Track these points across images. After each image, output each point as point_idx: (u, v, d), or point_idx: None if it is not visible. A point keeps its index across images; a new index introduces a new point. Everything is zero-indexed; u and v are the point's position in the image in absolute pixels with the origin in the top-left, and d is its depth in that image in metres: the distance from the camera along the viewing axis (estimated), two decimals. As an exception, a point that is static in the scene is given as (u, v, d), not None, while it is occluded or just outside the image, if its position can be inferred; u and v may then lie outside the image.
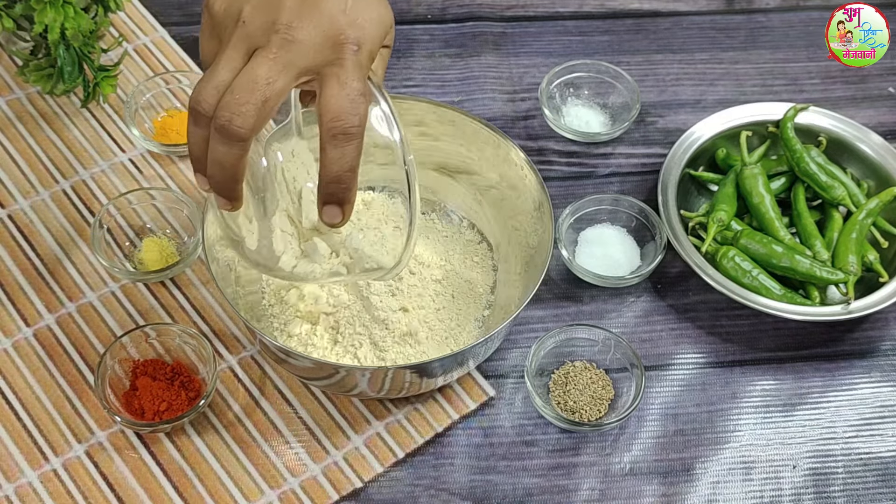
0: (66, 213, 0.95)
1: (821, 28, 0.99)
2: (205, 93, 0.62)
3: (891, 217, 0.96)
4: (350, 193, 0.64)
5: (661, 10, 1.17)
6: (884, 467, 0.85)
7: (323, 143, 0.62)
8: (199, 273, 0.92)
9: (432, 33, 1.13)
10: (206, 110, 0.62)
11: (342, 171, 0.63)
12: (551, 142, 1.04)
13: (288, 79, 0.62)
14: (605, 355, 0.88)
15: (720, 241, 0.94)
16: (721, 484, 0.83)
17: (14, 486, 0.80)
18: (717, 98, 1.09)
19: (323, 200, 0.65)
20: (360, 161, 0.63)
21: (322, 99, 0.62)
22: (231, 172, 0.63)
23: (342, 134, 0.62)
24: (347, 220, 0.66)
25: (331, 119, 0.62)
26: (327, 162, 0.63)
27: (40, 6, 0.89)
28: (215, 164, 0.63)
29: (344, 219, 0.65)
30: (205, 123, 0.62)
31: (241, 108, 0.60)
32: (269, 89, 0.61)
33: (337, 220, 0.65)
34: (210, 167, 0.63)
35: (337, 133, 0.62)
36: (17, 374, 0.85)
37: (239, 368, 0.87)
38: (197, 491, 0.80)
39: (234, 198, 0.65)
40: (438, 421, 0.85)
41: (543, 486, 0.82)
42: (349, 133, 0.62)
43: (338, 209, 0.65)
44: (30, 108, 1.02)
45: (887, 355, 0.91)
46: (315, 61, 0.62)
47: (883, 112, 1.09)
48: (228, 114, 0.61)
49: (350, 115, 0.62)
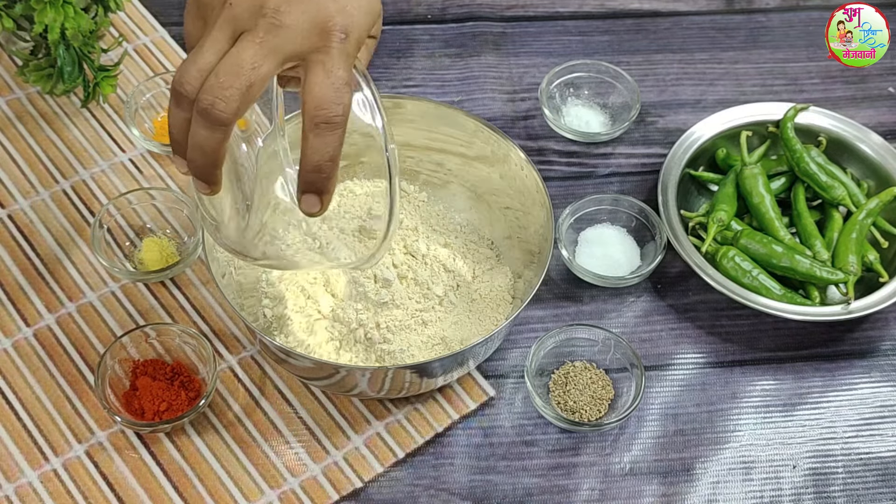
0: (66, 213, 0.95)
1: (821, 28, 0.99)
2: (188, 75, 0.61)
3: (891, 217, 0.96)
4: (329, 183, 0.63)
5: (661, 10, 1.17)
6: (884, 467, 0.85)
7: (305, 132, 0.61)
8: (199, 273, 0.92)
9: (432, 33, 1.13)
10: (189, 92, 0.61)
11: (323, 160, 0.62)
12: (551, 142, 1.04)
13: (273, 64, 0.61)
14: (605, 355, 0.88)
15: (720, 241, 0.94)
16: (721, 484, 0.83)
17: (14, 486, 0.80)
18: (717, 98, 1.08)
19: (302, 189, 0.64)
20: (341, 151, 0.62)
21: (306, 86, 0.61)
22: (211, 157, 0.62)
23: (325, 123, 0.61)
24: (326, 209, 0.64)
25: (314, 107, 0.61)
26: (308, 150, 0.62)
27: (40, 6, 0.89)
28: (196, 147, 0.62)
29: (322, 208, 0.64)
30: (187, 106, 0.61)
31: (225, 93, 0.60)
32: (253, 74, 0.60)
33: (315, 209, 0.64)
34: (190, 151, 0.62)
35: (320, 122, 0.61)
36: (17, 374, 0.85)
37: (239, 368, 0.87)
38: (197, 491, 0.80)
39: (212, 182, 0.64)
40: (438, 421, 0.85)
41: (543, 486, 0.82)
42: (332, 122, 0.61)
43: (316, 198, 0.64)
44: (30, 108, 1.02)
45: (887, 355, 0.91)
46: (302, 47, 0.61)
47: (883, 112, 1.09)
48: (211, 97, 0.60)
49: (334, 105, 0.61)
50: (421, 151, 0.93)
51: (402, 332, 0.83)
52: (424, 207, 0.93)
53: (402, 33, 1.12)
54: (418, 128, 0.91)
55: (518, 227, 0.90)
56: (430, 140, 0.92)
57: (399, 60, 1.10)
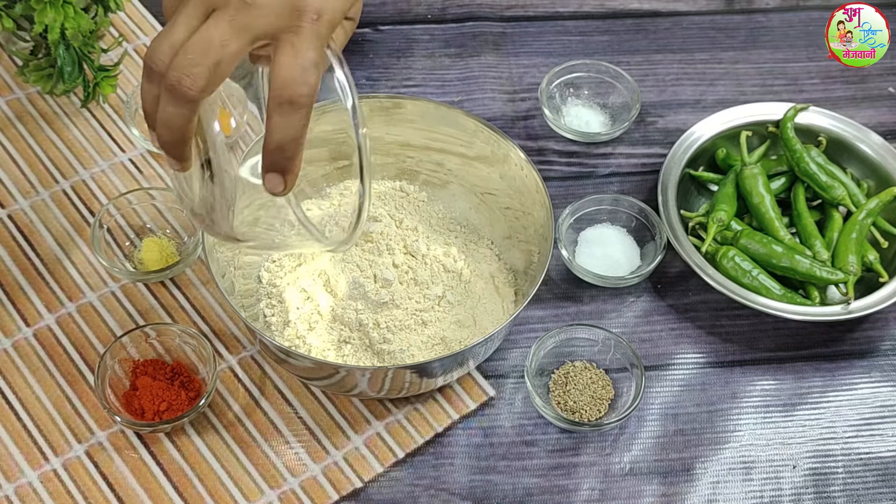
0: (66, 213, 0.95)
1: (821, 28, 0.99)
2: (159, 50, 0.60)
3: (891, 217, 0.96)
4: (292, 163, 0.62)
5: (661, 10, 1.17)
6: (884, 467, 0.85)
7: (269, 111, 0.61)
8: (199, 273, 0.92)
9: (432, 33, 1.13)
10: (160, 67, 0.60)
11: (285, 140, 0.61)
12: (551, 142, 1.04)
13: (243, 42, 0.60)
14: (605, 355, 0.88)
15: (720, 241, 0.94)
16: (721, 484, 0.83)
17: (14, 486, 0.80)
18: (717, 98, 1.08)
19: (266, 168, 0.63)
20: (307, 132, 0.62)
21: (273, 65, 0.61)
22: (178, 134, 0.62)
23: (288, 103, 0.60)
24: (290, 189, 0.64)
25: (279, 86, 0.60)
26: (271, 129, 0.61)
27: (40, 6, 0.89)
28: (163, 123, 0.61)
29: (286, 188, 0.63)
30: (157, 80, 0.61)
31: (193, 70, 0.59)
32: (222, 51, 0.60)
33: (278, 189, 0.63)
34: (158, 126, 0.62)
35: (283, 101, 0.60)
36: (17, 374, 0.85)
37: (239, 368, 0.87)
38: (197, 491, 0.80)
39: (181, 158, 0.64)
40: (438, 421, 0.85)
41: (543, 486, 0.82)
42: (295, 102, 0.60)
43: (279, 178, 0.63)
44: (30, 108, 1.02)
45: (887, 355, 0.91)
46: (272, 26, 0.61)
47: (883, 112, 1.09)
48: (179, 74, 0.59)
49: (299, 85, 0.60)
50: (421, 151, 0.93)
51: (401, 332, 0.83)
52: (424, 207, 0.93)
53: (402, 33, 1.12)
54: (418, 128, 0.91)
55: (518, 227, 0.90)
56: (430, 140, 0.92)
57: (399, 60, 1.10)
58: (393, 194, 0.93)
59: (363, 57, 1.10)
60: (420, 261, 0.87)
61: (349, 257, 0.86)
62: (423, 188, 0.94)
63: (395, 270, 0.85)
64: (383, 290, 0.84)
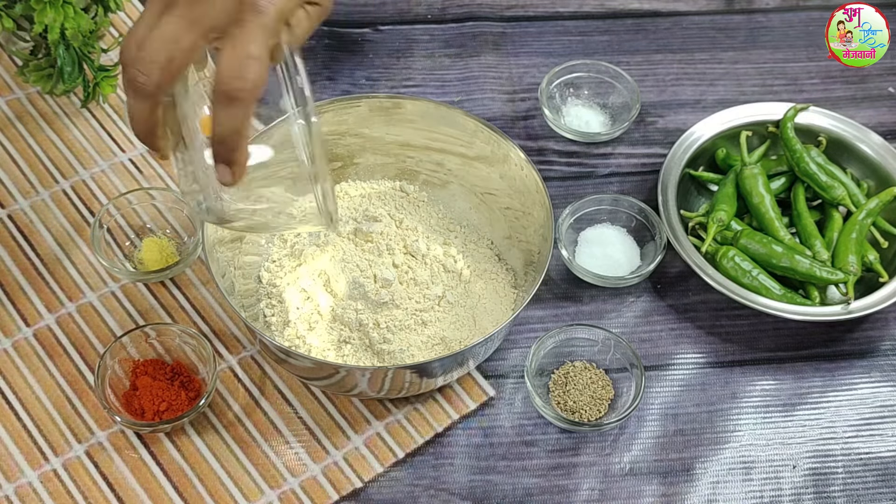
0: (66, 213, 0.95)
1: (821, 28, 0.99)
2: (126, 46, 0.63)
3: (891, 217, 0.96)
4: (236, 155, 0.64)
5: (661, 10, 1.17)
6: (884, 467, 0.85)
7: (212, 103, 0.62)
8: (199, 273, 0.92)
9: (432, 33, 1.13)
10: (124, 63, 0.63)
11: (226, 132, 0.62)
12: (551, 142, 1.04)
13: (194, 37, 0.62)
14: (605, 355, 0.88)
15: (720, 241, 0.94)
16: (721, 484, 0.83)
17: (14, 486, 0.80)
18: (717, 98, 1.08)
19: (215, 160, 0.65)
20: (249, 124, 0.63)
21: (216, 58, 0.62)
22: (143, 125, 0.64)
23: (226, 96, 0.61)
24: (239, 179, 0.65)
25: (218, 80, 0.61)
26: (215, 122, 0.63)
27: (40, 6, 0.89)
28: (130, 115, 0.64)
29: (235, 178, 0.65)
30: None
31: (147, 66, 0.61)
32: (174, 47, 0.61)
33: (227, 179, 0.65)
34: (129, 118, 0.64)
35: (221, 94, 0.61)
36: (17, 374, 0.85)
37: (239, 368, 0.87)
38: (197, 491, 0.80)
39: (154, 147, 0.66)
40: (438, 421, 0.85)
41: (543, 486, 0.82)
42: (233, 96, 0.61)
43: (227, 169, 0.64)
44: (30, 108, 1.02)
45: (887, 355, 0.91)
46: (219, 20, 0.62)
47: (883, 112, 1.09)
48: (135, 70, 0.61)
49: (236, 79, 0.61)
50: (421, 151, 0.93)
51: (401, 332, 0.83)
52: (424, 207, 0.93)
53: (402, 33, 1.12)
54: (418, 128, 0.91)
55: (518, 227, 0.90)
56: (430, 140, 0.92)
57: (399, 60, 1.10)
58: (393, 194, 0.93)
59: (363, 57, 1.10)
60: (420, 261, 0.87)
61: (349, 257, 0.86)
62: (423, 188, 0.94)
63: (395, 270, 0.85)
64: (383, 290, 0.84)
